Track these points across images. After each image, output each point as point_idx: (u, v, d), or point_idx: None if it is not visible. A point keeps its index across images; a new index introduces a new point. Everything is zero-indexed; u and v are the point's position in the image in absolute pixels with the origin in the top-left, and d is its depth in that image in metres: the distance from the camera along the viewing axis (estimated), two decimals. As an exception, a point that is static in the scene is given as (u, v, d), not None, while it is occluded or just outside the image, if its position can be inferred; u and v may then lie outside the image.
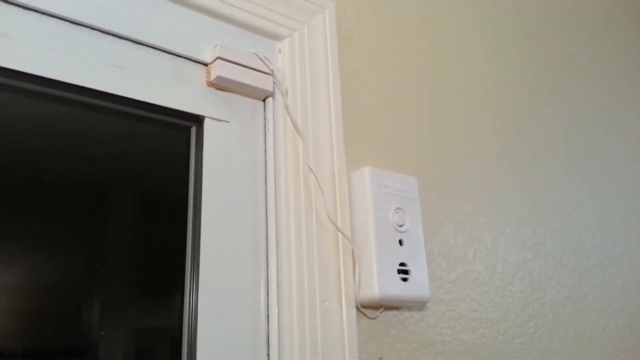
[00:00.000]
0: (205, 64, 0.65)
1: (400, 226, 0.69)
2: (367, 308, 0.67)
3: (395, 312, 0.71)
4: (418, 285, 0.68)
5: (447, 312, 0.76)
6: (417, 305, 0.73)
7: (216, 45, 0.64)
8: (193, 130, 0.65)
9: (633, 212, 1.24)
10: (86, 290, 0.56)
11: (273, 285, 0.62)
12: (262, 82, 0.67)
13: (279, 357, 0.59)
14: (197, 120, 0.64)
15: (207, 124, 0.64)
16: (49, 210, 0.54)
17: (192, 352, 0.56)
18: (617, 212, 1.19)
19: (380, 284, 0.64)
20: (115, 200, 0.60)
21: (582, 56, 1.30)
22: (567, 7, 1.32)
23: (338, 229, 0.67)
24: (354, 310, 0.65)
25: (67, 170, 0.57)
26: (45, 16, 0.55)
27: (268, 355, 0.60)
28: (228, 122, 0.65)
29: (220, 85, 0.65)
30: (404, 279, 0.67)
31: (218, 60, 0.63)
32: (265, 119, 0.69)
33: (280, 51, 0.72)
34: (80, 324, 0.54)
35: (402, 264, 0.68)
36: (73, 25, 0.57)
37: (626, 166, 1.28)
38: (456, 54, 0.97)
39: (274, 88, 0.69)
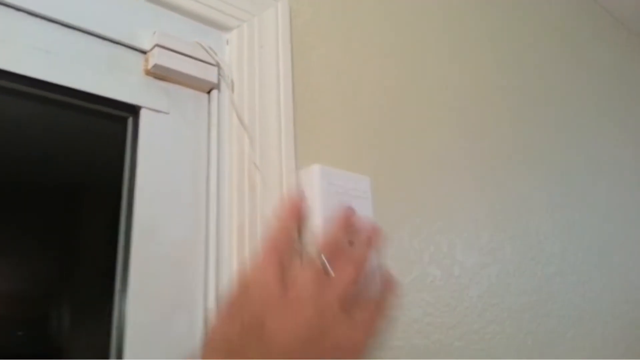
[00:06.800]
0: (144, 52, 0.61)
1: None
2: (314, 312, 0.64)
3: (344, 316, 0.67)
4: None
5: (400, 316, 0.73)
6: (368, 309, 0.70)
7: (155, 32, 0.61)
8: (129, 121, 0.61)
9: (594, 221, 1.23)
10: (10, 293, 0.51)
11: (211, 287, 0.58)
12: (206, 73, 0.64)
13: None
14: (134, 111, 0.60)
15: (144, 115, 0.60)
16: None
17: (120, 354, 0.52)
18: (578, 220, 1.18)
19: (326, 286, 0.61)
20: (44, 196, 0.56)
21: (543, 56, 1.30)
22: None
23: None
24: (299, 314, 0.62)
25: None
26: (-37, -7, 0.51)
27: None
28: (167, 113, 0.62)
29: (159, 74, 0.61)
30: (353, 281, 0.64)
31: (157, 48, 0.60)
32: (209, 112, 0.66)
33: (227, 42, 0.69)
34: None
35: (351, 266, 0.65)
36: (-4, 5, 0.53)
37: (587, 175, 1.28)
38: (416, 52, 0.96)
39: (219, 80, 0.65)
